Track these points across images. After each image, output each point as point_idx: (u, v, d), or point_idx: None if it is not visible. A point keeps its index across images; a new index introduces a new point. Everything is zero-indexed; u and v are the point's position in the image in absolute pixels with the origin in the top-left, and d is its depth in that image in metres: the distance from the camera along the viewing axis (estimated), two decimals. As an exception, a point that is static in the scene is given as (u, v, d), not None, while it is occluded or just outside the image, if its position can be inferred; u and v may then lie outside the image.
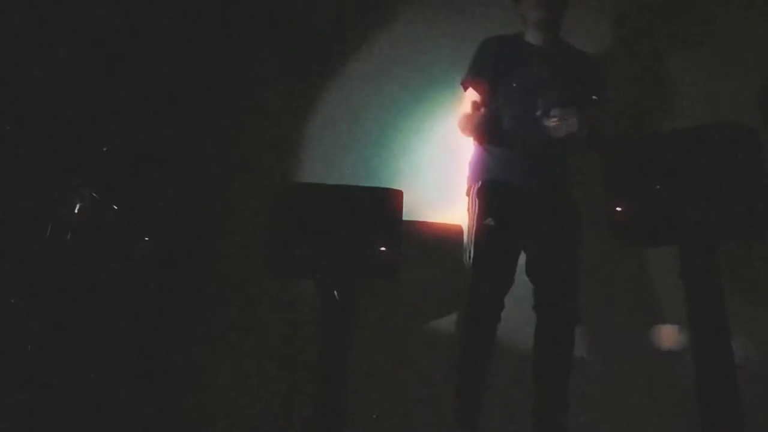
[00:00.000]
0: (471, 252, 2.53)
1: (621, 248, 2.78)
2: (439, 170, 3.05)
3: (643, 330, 2.74)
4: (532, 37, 2.66)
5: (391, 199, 2.62)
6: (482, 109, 2.52)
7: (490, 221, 2.50)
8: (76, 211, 2.73)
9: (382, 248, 2.55)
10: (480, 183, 2.60)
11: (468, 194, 2.68)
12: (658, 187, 2.29)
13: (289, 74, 3.41)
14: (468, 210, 2.66)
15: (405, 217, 2.66)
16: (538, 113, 2.43)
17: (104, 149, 2.85)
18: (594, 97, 2.56)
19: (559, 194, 2.57)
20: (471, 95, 2.66)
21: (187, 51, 3.40)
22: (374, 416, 2.65)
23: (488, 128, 2.53)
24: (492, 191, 2.56)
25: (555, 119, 2.38)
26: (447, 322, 2.92)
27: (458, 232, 2.72)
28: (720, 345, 2.20)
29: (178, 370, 3.04)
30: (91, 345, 2.79)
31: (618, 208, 2.34)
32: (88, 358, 2.77)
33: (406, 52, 3.30)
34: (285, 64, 3.44)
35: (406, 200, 2.66)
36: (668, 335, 2.68)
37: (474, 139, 2.66)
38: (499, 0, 2.88)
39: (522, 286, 2.55)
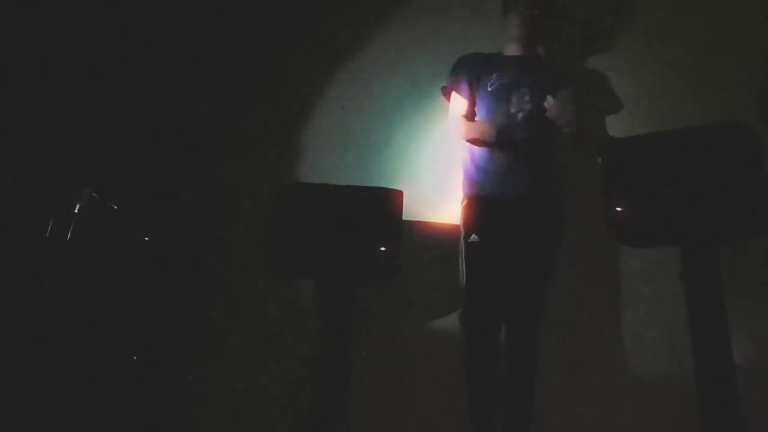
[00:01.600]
0: (463, 271, 2.62)
1: (621, 248, 2.79)
2: (439, 170, 3.05)
3: (642, 330, 2.74)
4: (510, 50, 2.80)
5: (391, 199, 2.62)
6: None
7: (474, 238, 2.60)
8: (76, 211, 2.73)
9: (382, 248, 2.55)
10: (466, 200, 2.70)
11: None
12: (658, 187, 2.29)
13: (289, 74, 3.41)
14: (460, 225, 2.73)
15: (405, 217, 2.66)
16: (512, 110, 2.63)
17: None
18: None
19: (542, 203, 2.61)
20: (457, 100, 2.80)
21: (188, 50, 3.40)
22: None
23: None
24: (475, 207, 2.66)
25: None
26: (447, 322, 2.91)
27: (458, 232, 2.72)
28: (720, 345, 2.20)
29: (177, 369, 3.04)
30: (90, 345, 2.79)
31: (618, 208, 2.34)
32: (88, 358, 2.77)
33: (407, 51, 3.30)
34: (285, 64, 3.43)
35: (406, 200, 2.66)
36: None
37: (473, 143, 2.73)
38: (500, 3, 2.88)
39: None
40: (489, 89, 2.73)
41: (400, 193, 2.65)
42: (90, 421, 2.68)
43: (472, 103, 2.78)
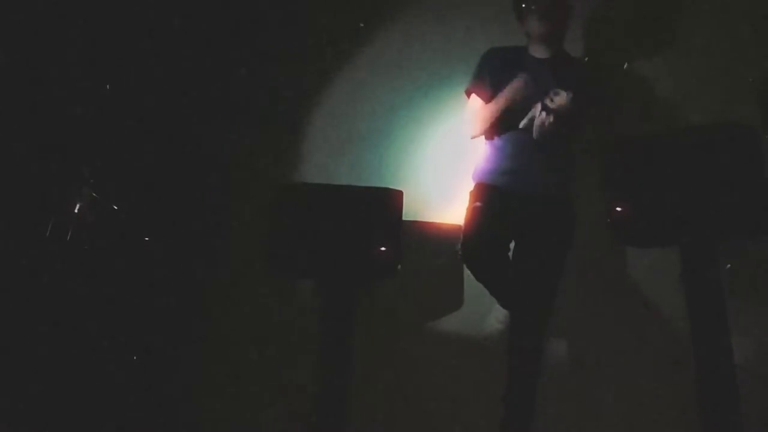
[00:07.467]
0: (461, 238, 2.56)
1: (621, 248, 2.79)
2: (438, 170, 3.05)
3: (642, 330, 2.74)
4: (535, 50, 2.69)
5: (391, 199, 2.62)
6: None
7: (477, 204, 2.55)
8: (76, 211, 2.73)
9: (382, 248, 2.55)
10: (474, 185, 2.65)
11: None
12: (658, 187, 2.29)
13: (289, 74, 3.41)
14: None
15: (405, 217, 2.66)
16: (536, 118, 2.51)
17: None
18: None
19: (553, 201, 2.58)
20: (476, 100, 2.69)
21: (188, 50, 3.41)
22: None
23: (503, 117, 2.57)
24: (483, 191, 2.60)
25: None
26: (447, 322, 2.92)
27: (458, 232, 2.72)
28: (720, 345, 2.21)
29: (177, 369, 3.04)
30: (91, 344, 2.79)
31: (618, 208, 2.34)
32: (88, 358, 2.77)
33: (407, 52, 3.30)
34: (285, 64, 3.43)
35: (406, 200, 2.66)
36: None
37: (485, 131, 2.67)
38: (501, 1, 2.88)
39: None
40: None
41: (400, 193, 2.65)
42: (90, 421, 2.68)
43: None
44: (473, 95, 2.71)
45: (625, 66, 2.89)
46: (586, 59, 2.93)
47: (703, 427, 2.18)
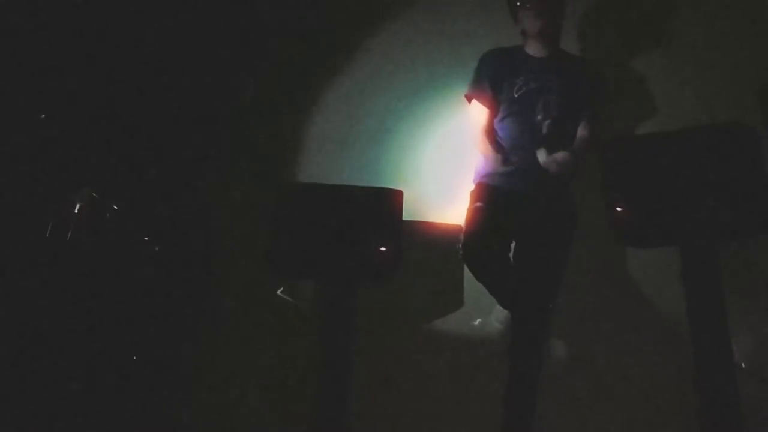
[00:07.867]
0: (461, 238, 2.57)
1: (621, 248, 2.79)
2: (439, 170, 3.05)
3: (643, 330, 2.74)
4: (532, 48, 2.70)
5: (391, 199, 2.62)
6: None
7: (478, 204, 2.57)
8: (76, 211, 2.73)
9: (382, 248, 2.55)
10: (475, 185, 2.67)
11: None
12: (658, 187, 2.29)
13: (289, 74, 3.41)
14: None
15: (405, 217, 2.66)
16: (538, 118, 2.55)
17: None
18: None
19: (553, 201, 2.58)
20: (477, 106, 2.71)
21: (187, 50, 3.41)
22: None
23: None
24: (483, 191, 2.62)
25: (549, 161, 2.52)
26: (447, 322, 2.91)
27: (458, 232, 2.72)
28: (720, 345, 2.21)
29: (177, 369, 3.04)
30: (90, 345, 2.79)
31: (618, 208, 2.34)
32: (87, 358, 2.77)
33: (407, 52, 3.30)
34: (285, 64, 3.44)
35: (406, 200, 2.66)
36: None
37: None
38: (501, 2, 2.88)
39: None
40: (516, 95, 2.63)
41: (400, 193, 2.64)
42: (89, 421, 2.68)
43: (495, 108, 2.69)
44: (474, 101, 2.73)
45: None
46: (584, 57, 2.93)
47: (703, 427, 2.18)
